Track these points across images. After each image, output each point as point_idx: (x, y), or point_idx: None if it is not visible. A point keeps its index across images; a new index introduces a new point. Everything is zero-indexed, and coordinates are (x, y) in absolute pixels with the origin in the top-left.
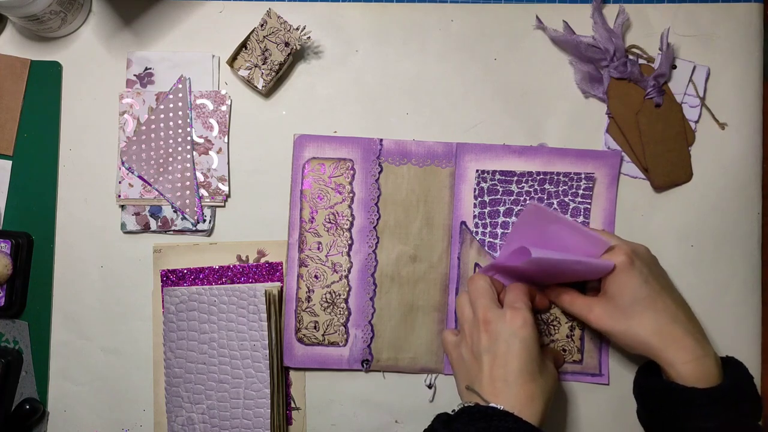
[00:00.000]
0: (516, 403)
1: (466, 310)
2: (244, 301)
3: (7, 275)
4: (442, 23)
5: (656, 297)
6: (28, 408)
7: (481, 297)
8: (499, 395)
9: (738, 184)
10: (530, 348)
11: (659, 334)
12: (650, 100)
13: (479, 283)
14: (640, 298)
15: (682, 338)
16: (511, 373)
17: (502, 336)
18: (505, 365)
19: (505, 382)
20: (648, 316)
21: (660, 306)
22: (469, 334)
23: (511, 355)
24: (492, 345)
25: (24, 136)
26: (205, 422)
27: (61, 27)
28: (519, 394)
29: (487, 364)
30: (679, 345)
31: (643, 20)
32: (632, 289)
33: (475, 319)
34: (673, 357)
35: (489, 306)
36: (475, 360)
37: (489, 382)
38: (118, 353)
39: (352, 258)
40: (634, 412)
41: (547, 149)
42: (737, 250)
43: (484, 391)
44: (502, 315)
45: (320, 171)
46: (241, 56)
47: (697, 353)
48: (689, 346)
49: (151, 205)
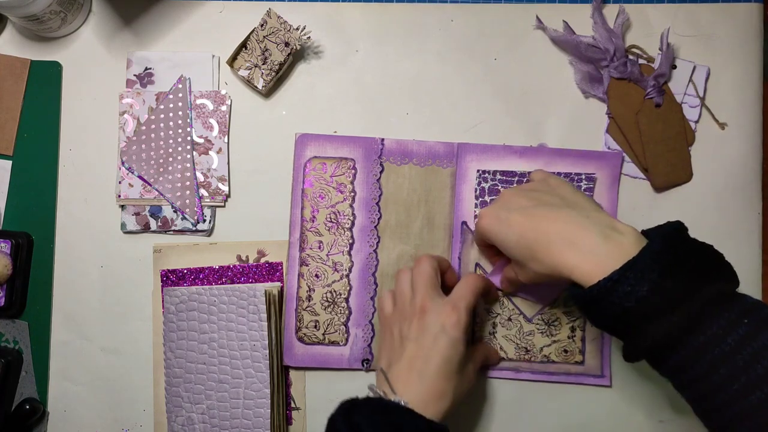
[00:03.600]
0: (424, 397)
1: (405, 289)
2: (244, 301)
3: (7, 275)
4: (442, 23)
5: (525, 230)
6: (28, 408)
7: (424, 282)
8: (409, 388)
9: (738, 184)
10: (456, 348)
11: (545, 261)
12: (650, 100)
13: (425, 267)
14: (513, 242)
15: (561, 251)
16: (429, 368)
17: (431, 330)
18: (426, 360)
19: (420, 376)
20: (530, 252)
21: (532, 236)
22: (402, 315)
23: (434, 351)
24: (420, 336)
25: (24, 136)
26: (205, 422)
27: (61, 27)
28: (430, 390)
29: (409, 352)
30: (562, 259)
31: (643, 20)
32: (504, 240)
33: (412, 303)
34: (565, 273)
35: (429, 294)
36: (400, 343)
37: (405, 371)
38: (118, 353)
39: (353, 257)
40: (638, 415)
41: (548, 150)
42: (737, 250)
43: (396, 378)
44: (439, 308)
45: (322, 170)
46: (241, 56)
47: (578, 257)
48: (570, 255)
49: (151, 205)
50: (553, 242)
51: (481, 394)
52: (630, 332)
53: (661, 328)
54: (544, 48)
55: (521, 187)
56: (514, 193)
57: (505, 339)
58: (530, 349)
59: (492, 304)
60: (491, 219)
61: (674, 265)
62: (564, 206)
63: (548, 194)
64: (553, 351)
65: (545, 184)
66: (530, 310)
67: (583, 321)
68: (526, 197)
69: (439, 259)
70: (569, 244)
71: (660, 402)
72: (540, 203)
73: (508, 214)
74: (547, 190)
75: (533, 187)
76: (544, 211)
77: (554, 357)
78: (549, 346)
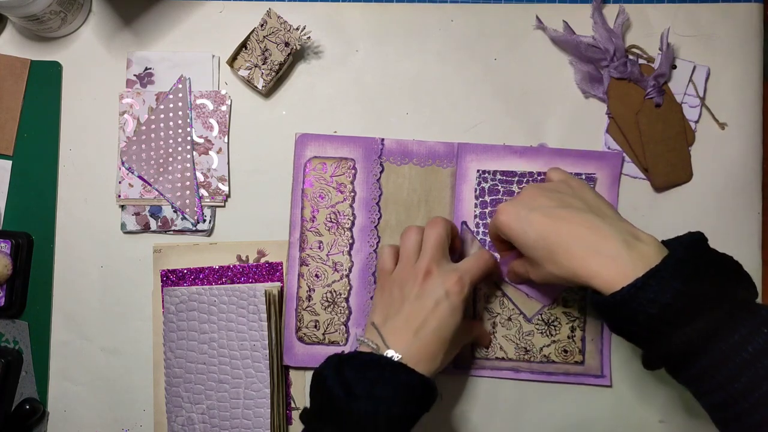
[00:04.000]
0: (416, 355)
1: (412, 249)
2: (244, 301)
3: (7, 275)
4: (442, 23)
5: (545, 231)
6: (28, 408)
7: (435, 245)
8: (402, 343)
9: (738, 184)
10: (455, 317)
11: (564, 264)
12: (650, 100)
13: (440, 230)
14: (532, 241)
15: (582, 257)
16: (425, 329)
17: (434, 293)
18: (424, 321)
19: (415, 335)
20: (548, 254)
21: (552, 238)
22: (404, 274)
23: (433, 315)
24: (421, 297)
25: (24, 136)
26: (205, 422)
27: (61, 27)
28: (422, 349)
29: (408, 311)
30: (583, 264)
31: (643, 20)
32: (521, 238)
33: (418, 264)
34: (585, 278)
35: (437, 258)
36: (400, 302)
37: (401, 328)
38: (118, 353)
39: (353, 257)
40: (638, 415)
41: (548, 150)
42: (737, 250)
43: (390, 333)
44: (445, 274)
45: (322, 170)
46: (241, 56)
47: (600, 263)
48: (592, 261)
49: (151, 205)
50: (574, 247)
51: (481, 394)
52: (652, 339)
53: (684, 335)
54: (544, 48)
55: (543, 185)
56: (535, 191)
57: (505, 339)
58: (530, 349)
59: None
60: (510, 215)
61: (697, 273)
62: (586, 210)
63: (571, 196)
64: (553, 351)
65: (567, 186)
66: (530, 310)
67: (582, 321)
68: (548, 197)
69: (451, 225)
70: (592, 250)
71: (660, 402)
72: (562, 205)
73: (528, 213)
74: (569, 192)
75: (555, 188)
76: (566, 214)
77: (554, 357)
78: (549, 346)
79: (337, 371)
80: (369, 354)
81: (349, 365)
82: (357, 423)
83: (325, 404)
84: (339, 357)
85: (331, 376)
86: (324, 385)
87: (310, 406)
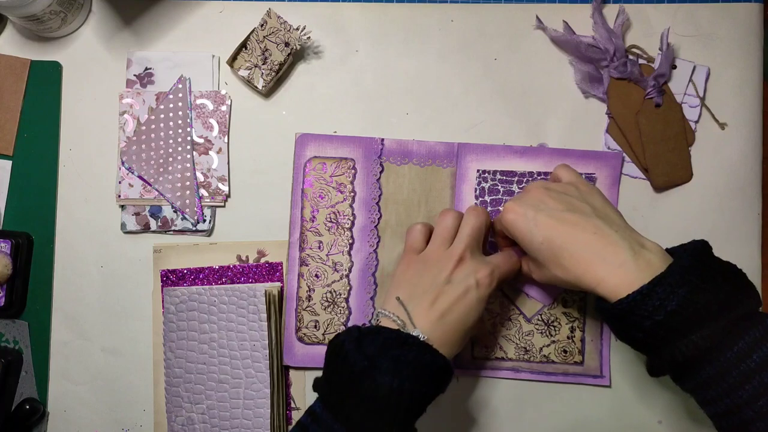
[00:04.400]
0: (440, 337)
1: (448, 234)
2: (244, 301)
3: (7, 275)
4: (442, 23)
5: (552, 233)
6: (28, 408)
7: (473, 235)
8: (427, 324)
9: (738, 184)
10: (479, 308)
11: (569, 268)
12: (650, 100)
13: (479, 220)
14: (538, 243)
15: (589, 262)
16: (452, 315)
17: (465, 282)
18: (451, 306)
19: (441, 319)
20: (553, 256)
21: (559, 241)
22: (437, 254)
23: (462, 302)
24: (451, 281)
25: (24, 136)
26: (205, 422)
27: (61, 27)
28: (445, 334)
29: (437, 294)
30: (589, 269)
31: (643, 20)
32: (527, 239)
33: (452, 249)
34: (590, 284)
35: (472, 247)
36: (428, 282)
37: (427, 309)
38: (118, 353)
39: (353, 257)
40: (637, 414)
41: (548, 150)
42: (737, 250)
43: (416, 312)
44: (478, 265)
45: (321, 170)
46: (241, 56)
47: (607, 269)
48: (599, 267)
49: (151, 205)
50: (580, 252)
51: (481, 394)
52: (658, 346)
53: (691, 343)
54: (544, 48)
55: (550, 186)
56: (543, 192)
57: (505, 339)
58: (530, 349)
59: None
60: (517, 215)
61: (702, 280)
62: (594, 216)
63: (579, 200)
64: (553, 351)
65: (575, 189)
66: (530, 310)
67: (582, 321)
68: (556, 199)
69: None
70: (598, 256)
71: (659, 402)
72: (570, 208)
73: (536, 214)
74: (578, 196)
75: (564, 190)
76: (574, 218)
77: (554, 357)
78: (548, 346)
79: (358, 344)
80: (395, 331)
81: (370, 340)
82: (379, 397)
83: (345, 376)
84: (359, 330)
85: (354, 349)
86: (345, 357)
87: (324, 376)
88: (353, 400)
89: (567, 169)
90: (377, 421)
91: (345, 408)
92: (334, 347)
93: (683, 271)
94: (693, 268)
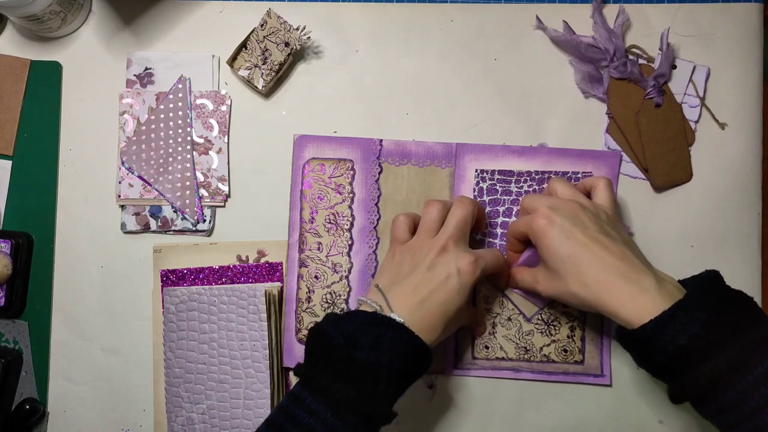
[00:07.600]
0: (418, 321)
1: (433, 225)
2: (244, 301)
3: (7, 275)
4: (442, 23)
5: (582, 250)
6: (28, 408)
7: (458, 226)
8: (405, 309)
9: (738, 184)
10: (461, 295)
11: (592, 287)
12: (650, 100)
13: (466, 211)
14: (565, 255)
15: (614, 284)
16: (431, 301)
17: (446, 268)
18: (431, 292)
19: (420, 304)
20: (577, 272)
21: (587, 259)
22: (419, 246)
23: (442, 288)
24: (432, 268)
25: (24, 136)
26: (205, 422)
27: (61, 27)
28: (424, 319)
29: (416, 280)
30: (613, 292)
31: (643, 20)
32: (555, 249)
33: (436, 239)
34: (612, 306)
35: (457, 237)
36: (409, 269)
37: (407, 294)
38: (118, 353)
39: (352, 258)
40: (638, 414)
41: (546, 149)
42: (737, 250)
43: (395, 298)
44: (461, 253)
45: (320, 171)
46: (241, 56)
47: (631, 293)
48: (623, 290)
49: (151, 205)
50: (607, 274)
51: (481, 394)
52: (681, 371)
53: (713, 365)
54: (544, 48)
55: (583, 203)
56: (578, 207)
57: (505, 339)
58: (530, 348)
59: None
60: (553, 224)
61: (720, 306)
62: (623, 243)
63: (610, 226)
64: (553, 351)
65: (606, 215)
66: (530, 310)
67: (582, 321)
68: (591, 220)
69: (478, 206)
70: (625, 281)
71: (660, 402)
72: (602, 231)
73: (572, 227)
74: (607, 222)
75: (596, 212)
76: (606, 241)
77: (554, 356)
78: (548, 346)
79: (337, 325)
80: (372, 313)
81: (348, 321)
82: (358, 372)
83: (324, 354)
84: (336, 314)
85: (332, 328)
86: (323, 336)
87: (305, 361)
88: (331, 375)
89: (564, 184)
90: (355, 394)
91: (323, 383)
92: (313, 331)
93: (701, 298)
94: (710, 294)
